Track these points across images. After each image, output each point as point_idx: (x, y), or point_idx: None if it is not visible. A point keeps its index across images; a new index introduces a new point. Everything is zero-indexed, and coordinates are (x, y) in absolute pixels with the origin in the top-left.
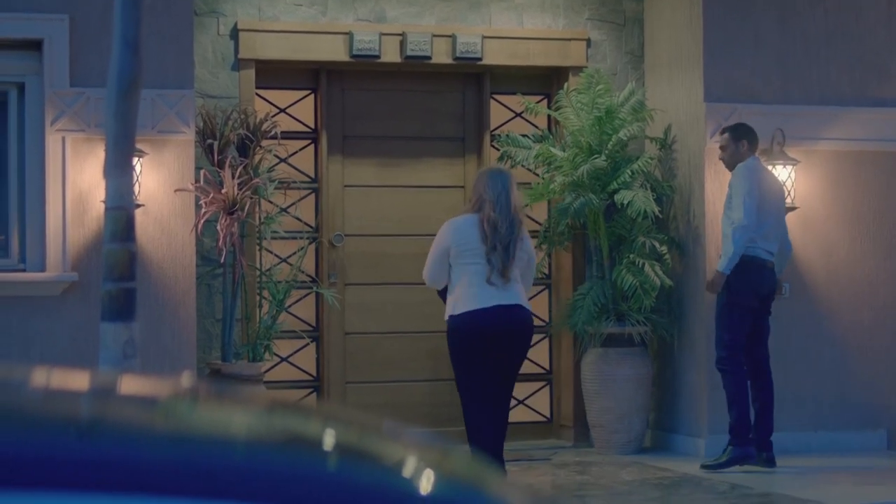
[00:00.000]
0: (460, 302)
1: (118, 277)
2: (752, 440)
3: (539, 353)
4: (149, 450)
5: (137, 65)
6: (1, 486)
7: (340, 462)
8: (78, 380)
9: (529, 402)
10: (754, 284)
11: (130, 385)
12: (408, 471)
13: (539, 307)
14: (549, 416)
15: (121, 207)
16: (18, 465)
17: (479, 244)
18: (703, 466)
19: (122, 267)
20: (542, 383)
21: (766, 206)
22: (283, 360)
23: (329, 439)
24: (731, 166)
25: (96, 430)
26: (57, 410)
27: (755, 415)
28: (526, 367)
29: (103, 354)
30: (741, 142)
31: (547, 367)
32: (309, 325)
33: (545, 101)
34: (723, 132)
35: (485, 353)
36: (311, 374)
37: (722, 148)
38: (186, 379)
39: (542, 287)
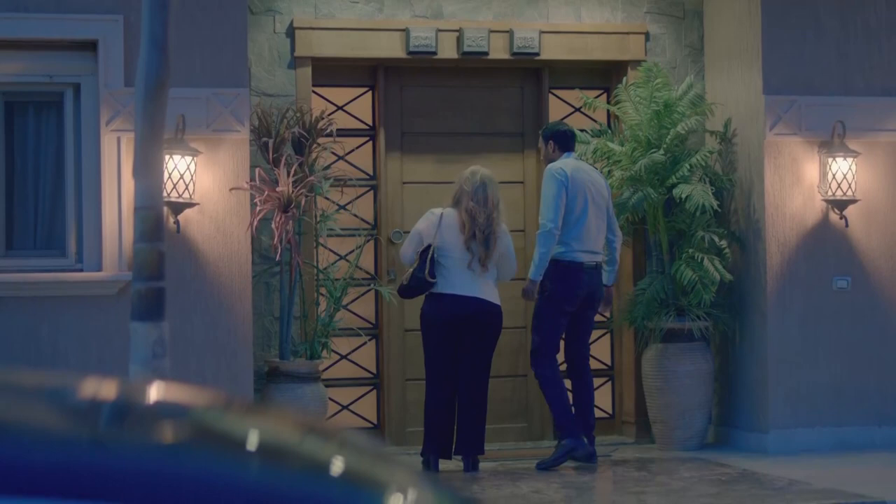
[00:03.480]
0: (440, 287)
1: (147, 277)
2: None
3: (601, 349)
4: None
5: (165, 65)
6: None
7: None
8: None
9: None
10: (571, 289)
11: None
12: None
13: None
14: (611, 412)
15: (149, 207)
16: None
17: (458, 235)
18: (539, 467)
19: (151, 266)
20: (604, 379)
21: (578, 207)
22: (342, 357)
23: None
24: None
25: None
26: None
27: (576, 413)
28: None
29: (134, 354)
30: (549, 143)
31: (608, 363)
32: (368, 322)
33: (604, 96)
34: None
35: (451, 336)
36: (370, 372)
37: (539, 149)
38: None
39: None
